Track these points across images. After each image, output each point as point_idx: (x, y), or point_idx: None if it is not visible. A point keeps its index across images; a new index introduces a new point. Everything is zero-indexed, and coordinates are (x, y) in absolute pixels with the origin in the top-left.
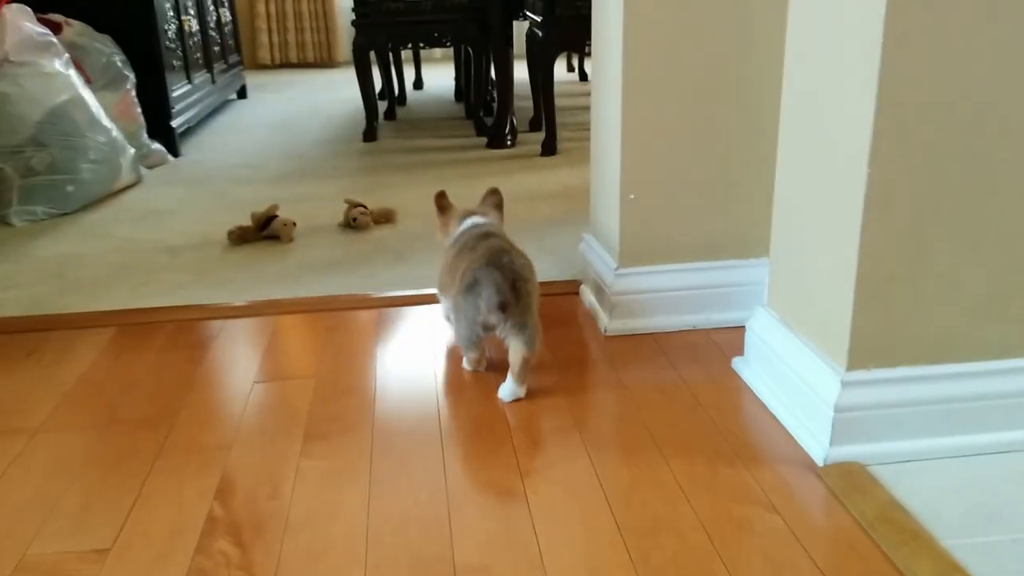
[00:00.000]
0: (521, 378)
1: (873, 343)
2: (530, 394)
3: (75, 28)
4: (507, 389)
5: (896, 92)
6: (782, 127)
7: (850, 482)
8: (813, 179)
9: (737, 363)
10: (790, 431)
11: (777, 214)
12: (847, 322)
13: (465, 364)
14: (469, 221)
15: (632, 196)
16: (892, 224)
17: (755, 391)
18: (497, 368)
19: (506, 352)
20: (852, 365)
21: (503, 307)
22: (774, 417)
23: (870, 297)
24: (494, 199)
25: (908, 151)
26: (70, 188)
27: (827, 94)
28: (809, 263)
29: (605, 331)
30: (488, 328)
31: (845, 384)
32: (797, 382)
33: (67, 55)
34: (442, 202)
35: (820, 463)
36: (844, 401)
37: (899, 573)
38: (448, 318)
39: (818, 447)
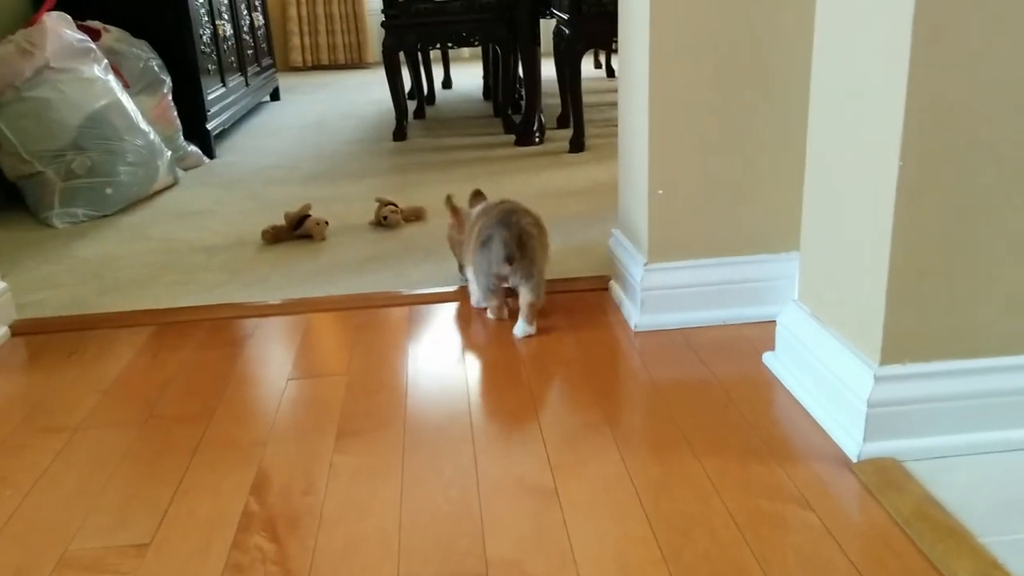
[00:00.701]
0: (529, 319)
1: (906, 337)
2: (560, 390)
3: (113, 34)
4: (519, 328)
5: (927, 84)
6: (811, 120)
7: (884, 478)
8: (844, 172)
9: (768, 358)
10: (822, 426)
11: (807, 208)
12: (880, 316)
13: (489, 314)
14: (480, 206)
15: (660, 191)
16: (924, 217)
17: (786, 386)
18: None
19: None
20: (885, 359)
21: (510, 260)
22: (806, 412)
23: (903, 291)
24: (479, 199)
25: (940, 144)
26: (109, 191)
27: (857, 86)
28: (841, 257)
29: (635, 327)
30: (501, 278)
31: (878, 379)
32: (829, 377)
33: (106, 61)
34: (452, 205)
35: (854, 459)
36: (877, 396)
37: (936, 570)
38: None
39: (851, 442)
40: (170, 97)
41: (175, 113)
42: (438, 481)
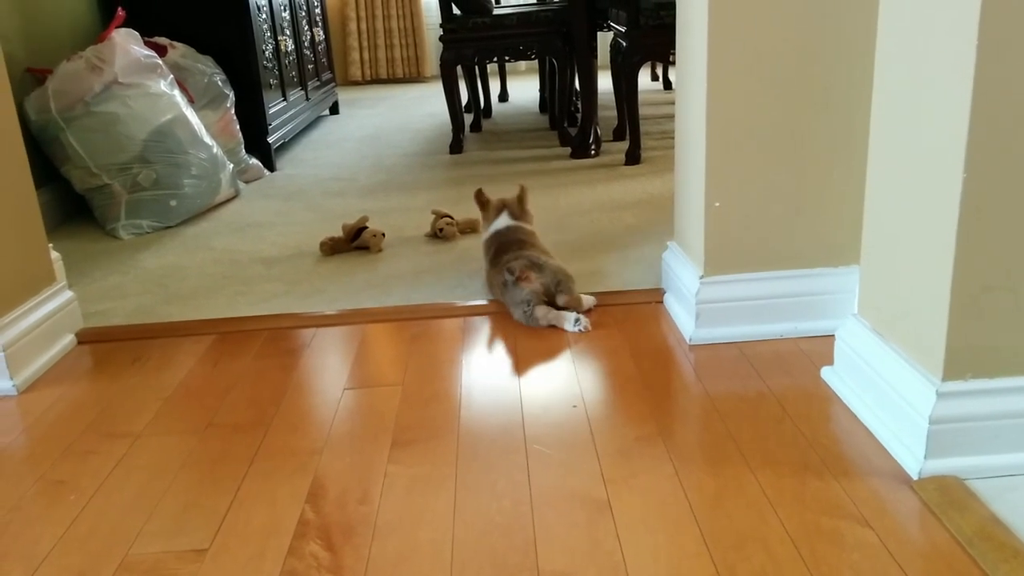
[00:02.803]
0: (578, 304)
1: (970, 353)
2: (614, 402)
3: (179, 50)
4: (569, 323)
5: (992, 94)
6: (873, 132)
7: (946, 496)
8: (906, 185)
9: (826, 373)
10: (882, 443)
11: (868, 221)
12: (942, 331)
13: (544, 323)
14: (498, 223)
15: (717, 204)
16: (989, 231)
17: (845, 401)
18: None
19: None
20: (948, 375)
21: (537, 293)
22: (865, 428)
23: (966, 306)
24: (519, 194)
25: (1005, 155)
26: (173, 203)
27: (920, 98)
28: (902, 271)
29: (690, 340)
30: (537, 297)
31: (941, 395)
32: (890, 393)
33: (171, 76)
34: (481, 198)
35: (914, 476)
36: (940, 412)
37: None
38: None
39: (912, 460)
40: (233, 111)
41: (237, 127)
42: (491, 492)
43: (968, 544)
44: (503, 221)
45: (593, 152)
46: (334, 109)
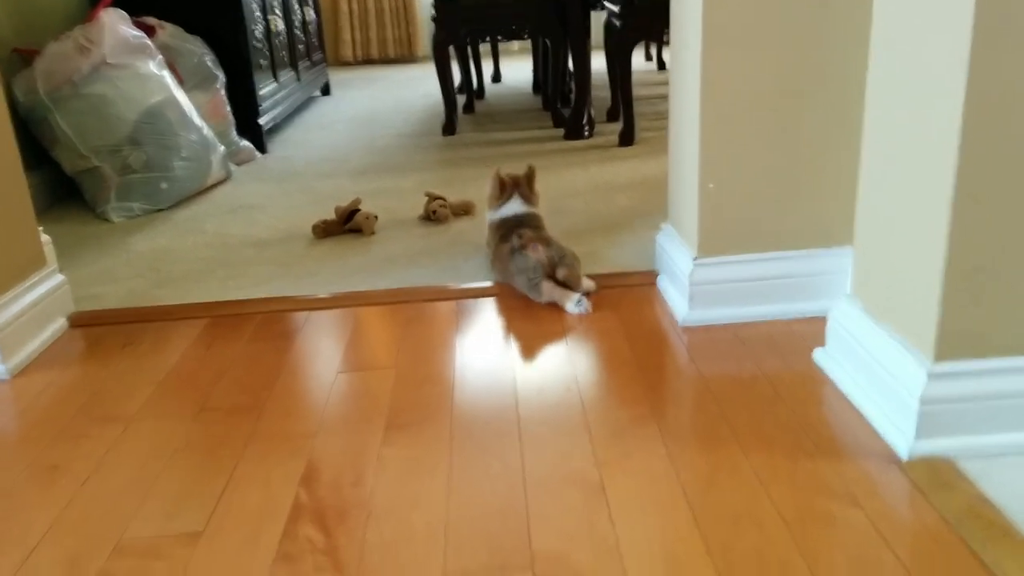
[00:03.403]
0: (577, 285)
1: (961, 334)
2: (607, 384)
3: (168, 30)
4: (571, 303)
5: (987, 77)
6: (867, 113)
7: (936, 477)
8: (899, 166)
9: (819, 354)
10: (873, 424)
11: (862, 202)
12: (934, 312)
13: (547, 298)
14: (508, 207)
15: (711, 185)
16: (982, 212)
17: (837, 383)
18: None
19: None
20: (939, 356)
21: (551, 262)
22: (857, 409)
23: (959, 287)
24: (528, 174)
25: (999, 138)
26: (164, 185)
27: (915, 80)
28: (895, 251)
29: (683, 322)
30: (545, 265)
31: (932, 376)
32: (881, 373)
33: (161, 57)
34: (503, 179)
35: (904, 457)
36: (930, 393)
37: (987, 570)
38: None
39: (903, 440)
40: (223, 92)
41: (228, 108)
42: (485, 474)
43: (957, 524)
44: (514, 207)
45: (587, 133)
46: (325, 90)
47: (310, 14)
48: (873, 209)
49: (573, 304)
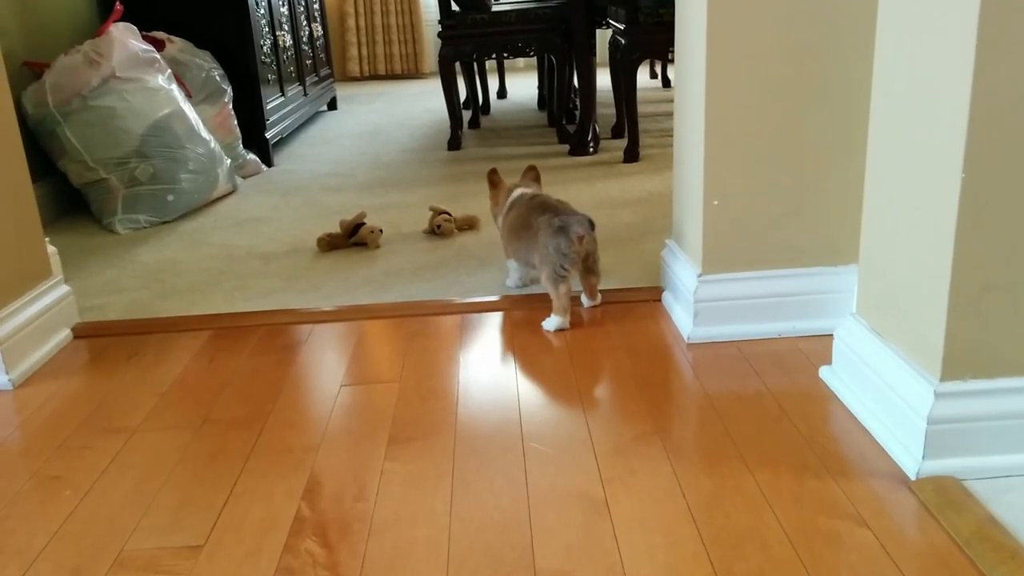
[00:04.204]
0: (593, 295)
1: (969, 353)
2: (612, 401)
3: (177, 45)
4: (586, 302)
5: (991, 94)
6: (872, 131)
7: (944, 497)
8: (905, 184)
9: (824, 372)
10: (880, 443)
11: (867, 220)
12: (941, 331)
13: (558, 316)
14: (516, 192)
15: (716, 202)
16: (987, 230)
17: (843, 401)
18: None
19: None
20: (946, 375)
21: (581, 237)
22: (863, 428)
23: (965, 306)
24: (532, 173)
25: (1004, 155)
26: (171, 197)
27: (919, 98)
28: (901, 270)
29: (688, 339)
30: (572, 261)
31: (939, 395)
32: (888, 392)
33: (169, 71)
34: (494, 178)
35: (912, 476)
36: (938, 412)
37: None
38: (516, 281)
39: (910, 460)
40: (231, 106)
41: (235, 122)
42: (488, 490)
43: (965, 545)
44: (530, 188)
45: (592, 150)
46: (332, 105)
47: (318, 30)
48: (878, 227)
49: (552, 324)
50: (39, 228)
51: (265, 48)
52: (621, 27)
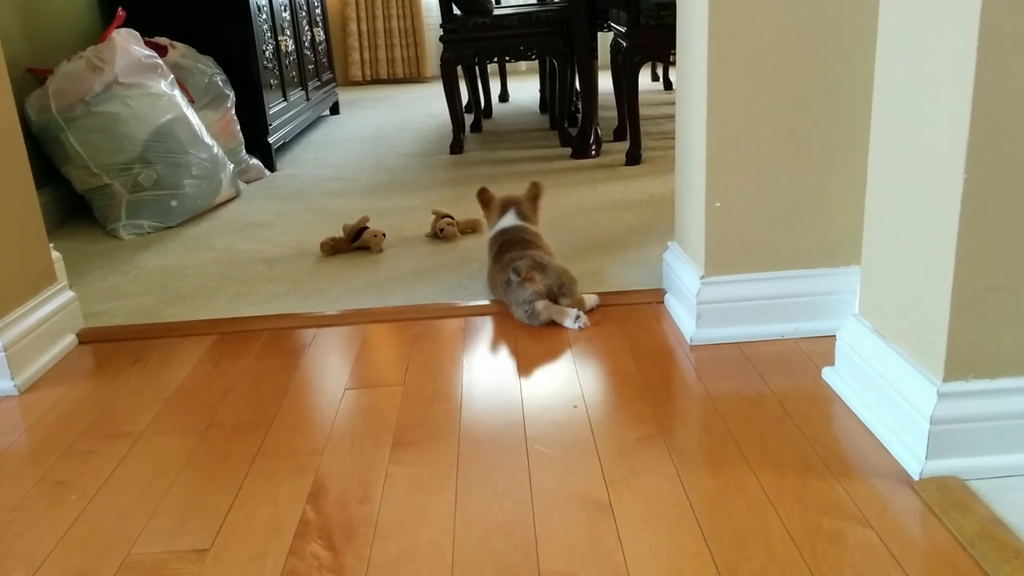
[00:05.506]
0: (577, 311)
1: (971, 353)
2: (615, 403)
3: (179, 50)
4: (569, 320)
5: (993, 95)
6: (874, 133)
7: (948, 497)
8: (907, 185)
9: (827, 373)
10: (883, 443)
11: (869, 221)
12: (943, 332)
13: (543, 323)
14: (497, 226)
15: (718, 204)
16: (990, 230)
17: (846, 402)
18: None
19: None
20: (949, 376)
21: (540, 293)
22: (867, 429)
23: (968, 306)
24: (532, 191)
25: (1006, 156)
26: (174, 203)
27: (921, 99)
28: (903, 271)
29: (691, 340)
30: (536, 303)
31: (942, 395)
32: (891, 393)
33: (172, 76)
34: (483, 197)
35: (915, 477)
36: (941, 413)
37: None
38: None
39: (913, 460)
40: (233, 111)
41: (238, 127)
42: (492, 493)
43: (969, 544)
44: (509, 219)
45: (593, 152)
46: (334, 109)
47: (320, 34)
48: (880, 228)
49: (571, 320)
50: (43, 234)
51: (267, 53)
52: (623, 30)
